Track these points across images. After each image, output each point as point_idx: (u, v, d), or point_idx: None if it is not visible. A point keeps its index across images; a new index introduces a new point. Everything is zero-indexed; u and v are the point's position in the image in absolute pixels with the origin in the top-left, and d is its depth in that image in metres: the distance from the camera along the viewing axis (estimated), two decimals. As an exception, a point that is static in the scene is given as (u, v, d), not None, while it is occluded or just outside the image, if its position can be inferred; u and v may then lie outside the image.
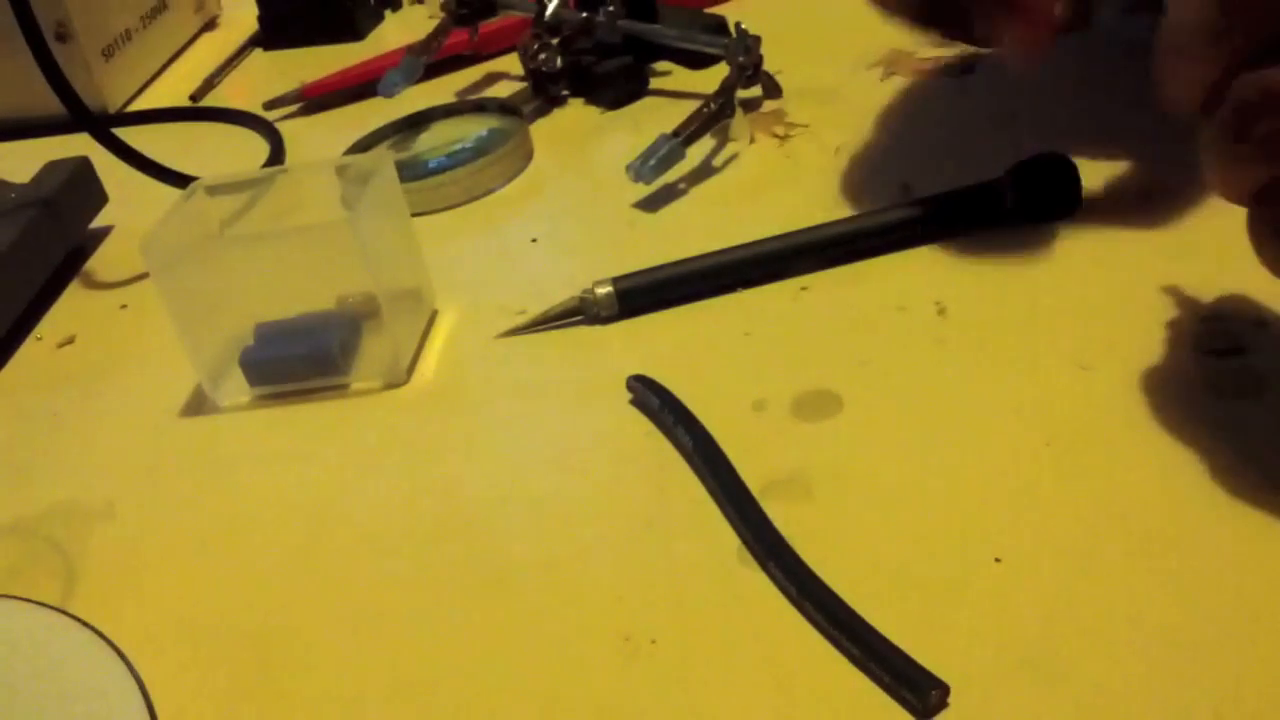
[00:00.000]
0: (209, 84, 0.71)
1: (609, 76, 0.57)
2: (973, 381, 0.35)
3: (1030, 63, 0.37)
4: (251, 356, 0.40)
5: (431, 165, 0.52)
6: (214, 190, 0.42)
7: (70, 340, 0.47)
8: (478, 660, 0.29)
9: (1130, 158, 0.45)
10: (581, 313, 0.41)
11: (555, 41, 0.58)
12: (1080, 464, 0.31)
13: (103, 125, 0.51)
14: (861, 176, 0.47)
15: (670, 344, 0.40)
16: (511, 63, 0.65)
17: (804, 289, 0.41)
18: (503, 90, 0.62)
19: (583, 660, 0.29)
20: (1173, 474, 0.30)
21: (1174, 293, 0.36)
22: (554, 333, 0.41)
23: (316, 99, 0.65)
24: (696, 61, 0.59)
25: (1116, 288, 0.38)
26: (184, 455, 0.39)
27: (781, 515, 0.31)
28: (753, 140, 0.51)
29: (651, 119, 0.55)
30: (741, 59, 0.51)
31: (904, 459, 0.33)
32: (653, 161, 0.47)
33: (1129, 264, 0.39)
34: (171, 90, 0.72)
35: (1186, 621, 0.26)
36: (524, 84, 0.62)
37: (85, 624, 0.31)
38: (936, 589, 0.28)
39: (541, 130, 0.56)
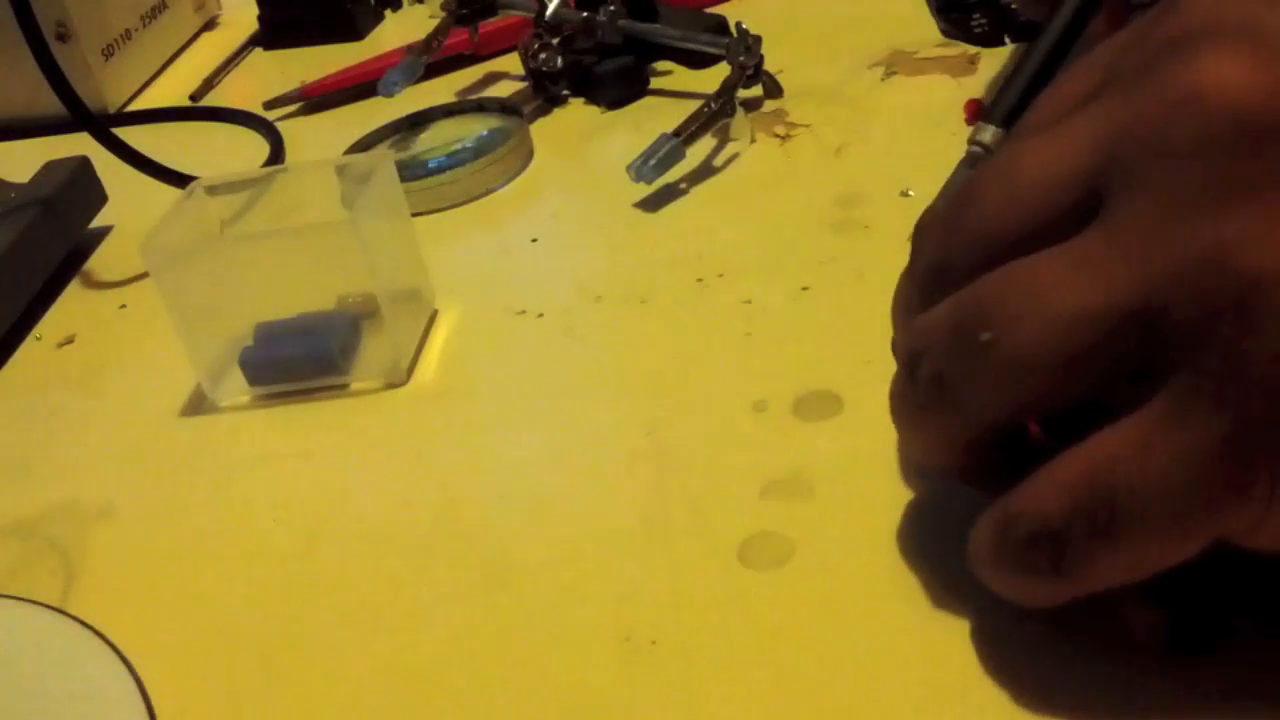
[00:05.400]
0: (209, 84, 0.71)
1: (609, 76, 0.57)
2: (974, 381, 0.35)
3: None
4: (251, 356, 0.40)
5: (431, 165, 0.52)
6: (214, 190, 0.42)
7: (70, 340, 0.47)
8: (477, 660, 0.29)
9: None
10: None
11: (555, 41, 0.58)
12: (1081, 464, 0.31)
13: (103, 125, 0.51)
14: (862, 177, 0.47)
15: (669, 343, 0.39)
16: (511, 63, 0.65)
17: (805, 288, 0.41)
18: (503, 90, 0.62)
19: (583, 660, 0.28)
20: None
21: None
22: (553, 333, 0.41)
23: (316, 99, 0.65)
24: (697, 61, 0.59)
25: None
26: (183, 455, 0.39)
27: (782, 515, 0.31)
28: (753, 140, 0.51)
29: (652, 119, 0.55)
30: (742, 59, 0.51)
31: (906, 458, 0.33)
32: (653, 161, 0.47)
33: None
34: (171, 90, 0.72)
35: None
36: (524, 84, 0.62)
37: (85, 624, 0.31)
38: (939, 589, 0.28)
39: (541, 130, 0.56)
